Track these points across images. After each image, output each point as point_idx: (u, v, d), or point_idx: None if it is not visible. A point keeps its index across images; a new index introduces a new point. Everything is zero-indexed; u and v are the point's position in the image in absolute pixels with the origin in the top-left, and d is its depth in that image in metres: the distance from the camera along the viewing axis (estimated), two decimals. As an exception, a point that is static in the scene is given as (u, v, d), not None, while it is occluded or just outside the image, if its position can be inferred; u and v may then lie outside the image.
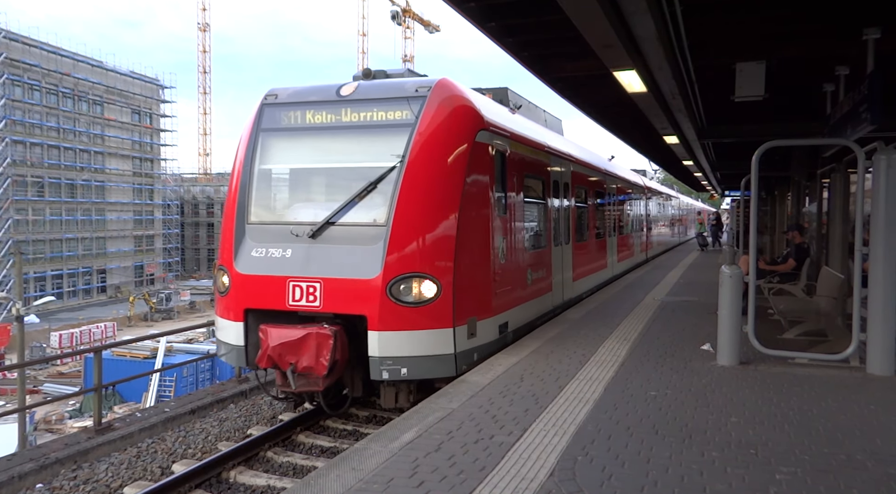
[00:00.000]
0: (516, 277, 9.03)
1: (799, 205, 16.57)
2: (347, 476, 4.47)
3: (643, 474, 4.47)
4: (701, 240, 35.02)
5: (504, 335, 8.56)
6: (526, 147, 9.70)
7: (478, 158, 7.81)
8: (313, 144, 8.20)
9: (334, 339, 6.90)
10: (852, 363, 7.38)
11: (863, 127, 7.86)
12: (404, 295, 7.07)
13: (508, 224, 8.73)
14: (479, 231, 7.85)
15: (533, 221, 10.21)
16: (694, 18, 8.08)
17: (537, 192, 10.47)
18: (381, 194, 7.42)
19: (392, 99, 7.81)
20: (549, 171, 10.95)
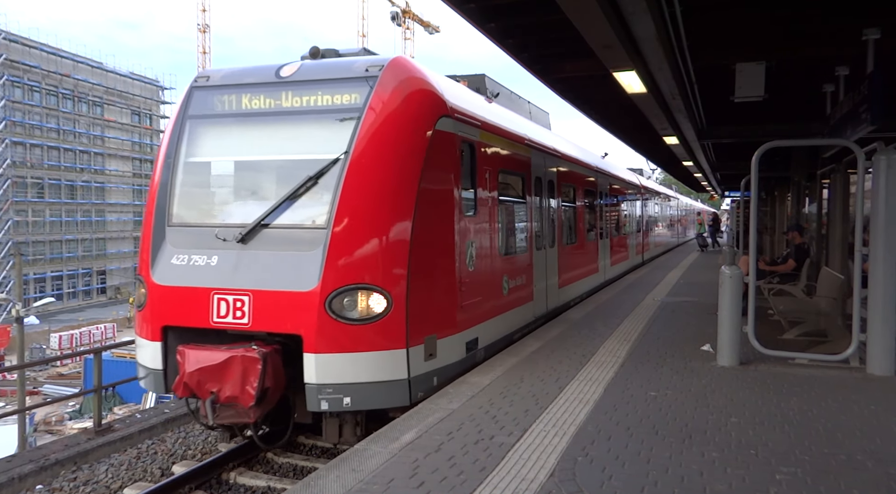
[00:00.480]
0: (488, 286, 8.04)
1: (799, 205, 16.57)
2: (347, 477, 4.46)
3: (643, 474, 4.47)
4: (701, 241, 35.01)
5: (473, 354, 7.58)
6: (502, 139, 8.75)
7: (439, 150, 6.83)
8: (248, 132, 7.11)
9: (263, 363, 5.88)
10: (852, 363, 7.38)
11: (863, 127, 7.87)
12: (347, 310, 6.05)
13: (478, 226, 7.74)
14: (440, 234, 6.86)
15: (510, 222, 9.29)
16: (693, 19, 8.09)
17: (516, 190, 9.59)
18: (322, 192, 6.42)
19: (338, 80, 6.77)
20: (530, 166, 9.96)
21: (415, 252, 6.37)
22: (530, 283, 9.83)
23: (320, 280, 6.04)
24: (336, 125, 6.65)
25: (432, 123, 6.78)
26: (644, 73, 9.24)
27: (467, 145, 7.54)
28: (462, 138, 7.36)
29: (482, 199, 7.94)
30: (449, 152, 7.07)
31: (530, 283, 9.83)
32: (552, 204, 11.23)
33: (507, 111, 9.91)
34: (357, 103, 6.60)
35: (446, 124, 7.01)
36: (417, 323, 6.37)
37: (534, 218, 10.13)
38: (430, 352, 6.61)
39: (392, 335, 6.21)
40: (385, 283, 6.19)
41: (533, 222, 10.10)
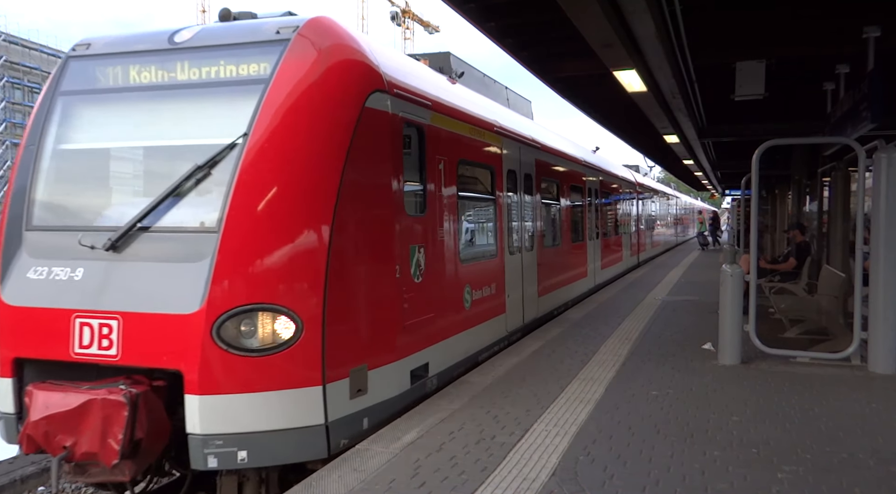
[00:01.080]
0: (443, 299, 6.83)
1: (800, 204, 16.56)
2: (349, 477, 4.46)
3: (645, 473, 4.47)
4: (701, 239, 35.02)
5: (422, 383, 6.32)
6: (463, 125, 7.50)
7: (371, 134, 5.55)
8: (135, 112, 5.71)
9: (132, 408, 4.51)
10: (854, 361, 7.38)
11: (863, 125, 7.86)
12: (244, 338, 4.76)
13: (429, 227, 6.53)
14: (371, 238, 5.59)
15: (474, 222, 8.19)
16: (693, 17, 8.09)
17: (483, 184, 8.35)
18: (214, 185, 5.12)
19: (242, 46, 5.45)
20: (500, 157, 8.67)
21: (335, 262, 5.06)
22: (501, 293, 8.58)
23: (205, 300, 4.70)
24: (237, 102, 5.31)
25: (361, 99, 5.46)
26: (644, 71, 9.24)
27: (414, 130, 6.34)
28: (405, 120, 6.10)
29: (434, 195, 6.68)
30: (385, 137, 5.78)
31: (501, 293, 8.58)
32: (530, 201, 10.03)
33: (473, 94, 8.61)
34: (263, 74, 5.28)
35: (381, 102, 5.71)
36: (339, 351, 5.09)
37: (506, 217, 8.87)
38: (358, 387, 5.29)
39: (304, 368, 4.90)
40: (294, 301, 4.86)
41: (505, 221, 8.81)
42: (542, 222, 10.77)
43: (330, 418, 5.02)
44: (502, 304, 8.67)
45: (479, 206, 8.33)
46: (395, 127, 5.94)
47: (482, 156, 8.24)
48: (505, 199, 8.87)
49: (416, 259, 6.21)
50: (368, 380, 5.43)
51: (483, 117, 8.29)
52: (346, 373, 5.18)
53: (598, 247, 15.32)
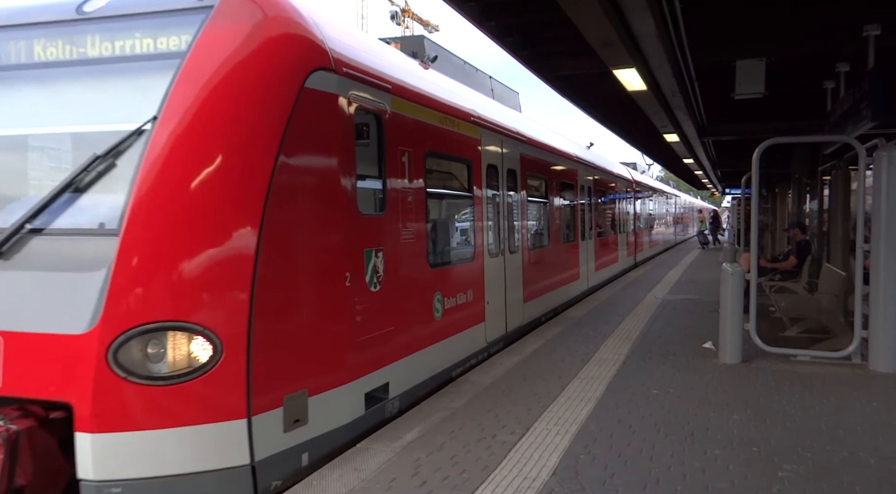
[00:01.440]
0: (408, 309, 6.11)
1: (800, 202, 16.57)
2: (350, 476, 4.46)
3: (645, 472, 4.47)
4: (702, 238, 35.03)
5: (380, 407, 5.58)
6: (431, 112, 6.73)
7: (313, 119, 4.78)
8: (37, 94, 4.97)
9: (10, 450, 3.75)
10: (854, 360, 7.38)
11: (863, 124, 7.86)
12: (151, 363, 3.99)
13: (389, 229, 5.80)
14: (313, 241, 4.83)
15: (446, 222, 7.50)
16: (693, 15, 8.09)
17: (458, 180, 7.68)
18: (115, 180, 4.36)
19: (159, 15, 4.69)
20: (479, 151, 7.91)
21: (265, 269, 4.32)
22: (480, 299, 7.84)
23: (99, 317, 3.92)
24: (148, 81, 4.55)
25: (298, 77, 4.68)
26: (644, 70, 9.24)
27: (372, 117, 5.59)
28: (359, 106, 5.32)
29: (396, 191, 5.95)
30: (331, 123, 4.97)
31: (480, 299, 7.84)
32: (514, 199, 9.27)
33: (448, 81, 7.88)
34: (180, 48, 4.54)
35: (326, 82, 4.91)
36: (270, 376, 4.35)
37: (485, 217, 8.09)
38: (296, 417, 4.55)
39: (224, 397, 4.14)
40: (211, 318, 4.10)
41: (484, 221, 8.05)
42: (529, 222, 10.07)
43: (257, 456, 4.24)
44: (481, 312, 7.89)
45: (452, 204, 7.70)
46: (345, 112, 5.11)
47: (456, 148, 7.45)
48: (484, 196, 8.10)
49: (373, 265, 5.42)
50: (309, 408, 4.66)
51: (458, 106, 7.53)
52: (278, 401, 4.41)
53: (591, 248, 14.64)
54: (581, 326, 10.08)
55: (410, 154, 6.25)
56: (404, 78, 6.38)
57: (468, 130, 7.69)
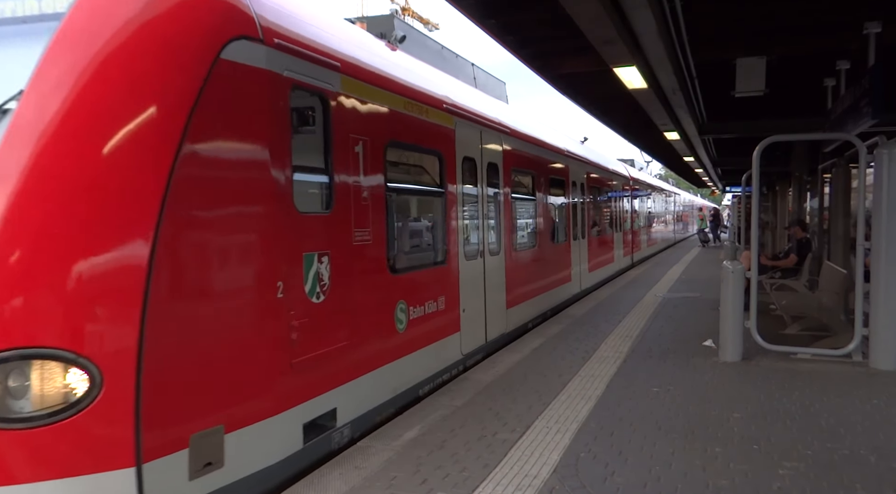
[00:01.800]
0: (361, 322, 5.28)
1: (800, 200, 16.55)
2: (351, 475, 4.47)
3: (646, 470, 4.47)
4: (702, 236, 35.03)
5: (324, 438, 4.83)
6: (392, 96, 5.90)
7: (232, 98, 4.01)
8: None
9: None
10: (855, 357, 7.38)
11: (864, 121, 7.85)
12: (12, 399, 3.24)
13: (338, 229, 5.01)
14: (229, 245, 4.06)
15: (411, 221, 6.93)
16: (693, 13, 8.08)
17: (429, 174, 7.02)
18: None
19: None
20: (453, 142, 7.20)
21: (162, 280, 3.55)
22: (455, 307, 7.14)
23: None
24: (22, 49, 3.79)
25: (211, 47, 3.88)
26: (644, 68, 9.23)
27: (317, 99, 4.79)
28: (297, 85, 4.50)
29: (348, 186, 5.13)
30: (258, 105, 4.19)
31: (455, 307, 7.14)
32: (496, 196, 8.57)
33: (417, 64, 7.14)
34: (60, 10, 3.81)
35: (251, 54, 4.13)
36: (169, 411, 3.57)
37: (460, 215, 7.37)
38: (207, 459, 3.75)
39: (104, 441, 3.33)
40: (88, 344, 3.32)
41: (459, 220, 7.34)
42: (513, 221, 9.30)
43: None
44: (455, 321, 7.15)
45: (421, 201, 7.07)
46: (276, 91, 4.28)
47: (426, 138, 6.66)
48: (459, 192, 7.37)
49: (315, 272, 4.64)
50: (226, 447, 3.84)
51: (427, 91, 6.70)
52: (182, 441, 3.60)
53: (584, 248, 13.88)
54: (582, 324, 10.08)
55: (367, 144, 5.41)
56: (359, 56, 5.54)
57: (440, 118, 6.90)
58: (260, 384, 4.18)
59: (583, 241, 13.70)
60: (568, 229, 12.55)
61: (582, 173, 13.87)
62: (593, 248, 14.81)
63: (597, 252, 15.22)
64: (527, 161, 10.07)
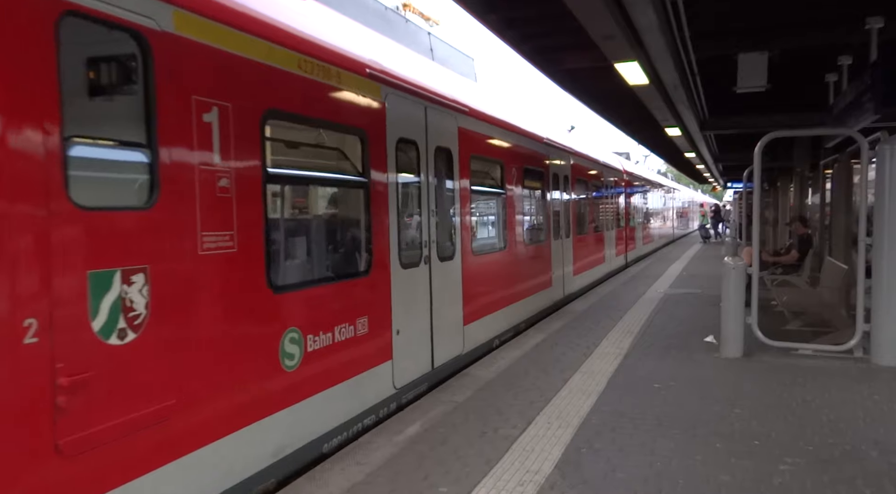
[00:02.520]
0: (212, 366, 3.85)
1: (802, 196, 16.54)
2: (352, 470, 4.48)
3: (647, 465, 4.48)
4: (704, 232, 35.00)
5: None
6: (273, 50, 4.41)
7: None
8: None
9: None
10: (856, 353, 7.38)
11: (866, 117, 7.82)
12: None
13: (168, 231, 3.58)
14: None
15: (312, 220, 5.82)
16: (695, 8, 8.06)
17: (348, 159, 5.55)
18: None
19: None
20: (381, 119, 5.71)
21: None
22: (384, 329, 5.70)
23: None
24: None
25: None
26: (646, 64, 9.21)
27: (125, 39, 3.40)
28: (74, 9, 3.11)
29: (189, 170, 3.72)
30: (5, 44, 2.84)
31: (384, 329, 5.70)
32: (448, 188, 7.17)
33: (330, 15, 5.62)
34: None
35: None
36: None
37: (393, 211, 5.84)
38: None
39: None
40: None
41: (390, 217, 5.80)
42: (473, 218, 7.97)
43: None
44: (385, 347, 5.72)
45: (329, 193, 5.89)
46: (26, 19, 2.91)
47: (336, 111, 5.13)
48: (391, 183, 5.82)
49: (116, 298, 3.24)
50: None
51: (339, 50, 5.21)
52: None
53: (568, 248, 12.40)
54: (583, 320, 10.08)
55: (226, 111, 3.98)
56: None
57: (362, 87, 5.38)
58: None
59: (566, 241, 12.25)
60: (548, 226, 11.12)
61: (566, 165, 12.44)
62: (580, 248, 13.37)
63: (584, 252, 13.90)
64: (493, 148, 8.61)
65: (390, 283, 5.85)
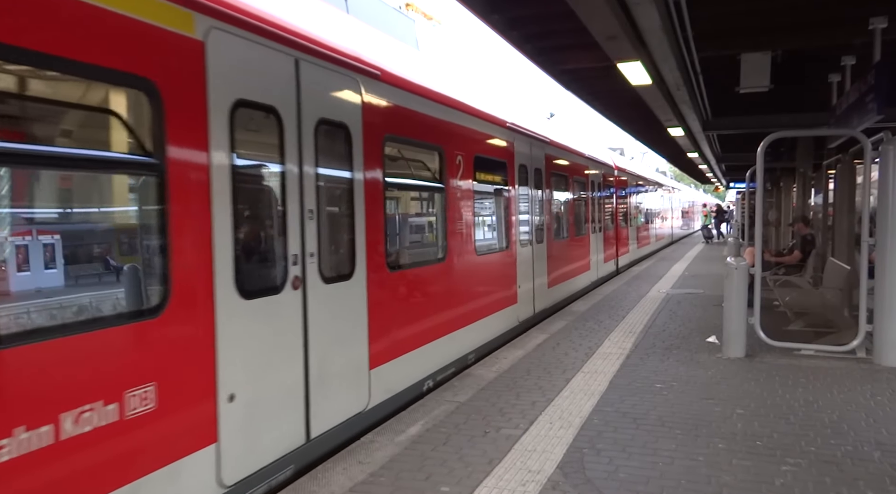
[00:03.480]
0: None
1: (804, 196, 16.52)
2: (354, 469, 4.49)
3: (649, 465, 4.48)
4: (706, 232, 34.97)
5: None
6: None
7: None
8: None
9: None
10: (859, 354, 7.37)
11: (869, 117, 7.82)
12: None
13: None
14: None
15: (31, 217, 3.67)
16: (698, 8, 8.05)
17: (132, 128, 3.65)
18: None
19: None
20: (199, 71, 3.90)
21: None
22: (200, 396, 3.84)
23: None
24: None
25: None
26: (649, 64, 9.20)
27: None
28: None
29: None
30: None
31: (200, 396, 3.84)
32: (337, 178, 5.28)
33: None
34: None
35: None
36: None
37: (219, 212, 3.97)
38: None
39: None
40: None
41: (208, 220, 3.90)
42: (391, 221, 6.32)
43: None
44: (204, 424, 3.83)
45: (75, 182, 3.79)
46: None
47: (90, 49, 3.25)
48: (216, 169, 3.96)
49: None
50: None
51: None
52: None
53: (541, 255, 10.54)
54: (585, 320, 10.08)
55: None
56: None
57: (148, 9, 3.56)
58: None
59: (540, 246, 10.48)
60: (510, 229, 9.19)
61: (538, 157, 10.54)
62: (556, 254, 11.40)
63: (562, 260, 11.83)
64: (426, 130, 6.79)
65: (213, 323, 3.91)
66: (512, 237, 9.24)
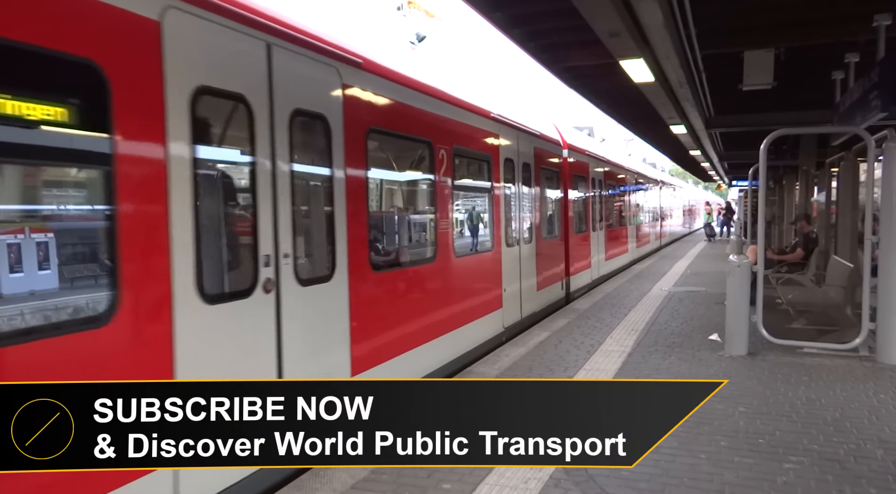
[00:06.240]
0: None
1: (807, 194, 16.48)
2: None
3: (652, 463, 4.47)
4: (709, 230, 34.96)
5: None
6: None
7: None
8: None
9: None
10: (861, 352, 7.35)
11: (873, 115, 7.79)
12: None
13: None
14: None
15: None
16: (701, 6, 8.03)
17: (77, 111, 3.21)
18: None
19: None
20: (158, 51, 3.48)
21: None
22: None
23: None
24: None
25: None
26: (651, 61, 9.19)
27: None
28: None
29: None
30: None
31: None
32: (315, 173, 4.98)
33: None
34: None
35: None
36: None
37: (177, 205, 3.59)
38: None
39: None
40: None
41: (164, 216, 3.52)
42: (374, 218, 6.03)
43: None
44: None
45: None
46: None
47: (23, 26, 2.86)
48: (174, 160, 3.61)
49: None
50: None
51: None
52: None
53: (530, 255, 9.64)
54: (587, 317, 10.07)
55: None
56: None
57: None
58: None
59: (529, 245, 9.61)
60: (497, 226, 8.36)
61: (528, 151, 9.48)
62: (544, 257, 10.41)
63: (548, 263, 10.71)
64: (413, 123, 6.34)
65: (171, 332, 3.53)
66: (497, 235, 8.50)
